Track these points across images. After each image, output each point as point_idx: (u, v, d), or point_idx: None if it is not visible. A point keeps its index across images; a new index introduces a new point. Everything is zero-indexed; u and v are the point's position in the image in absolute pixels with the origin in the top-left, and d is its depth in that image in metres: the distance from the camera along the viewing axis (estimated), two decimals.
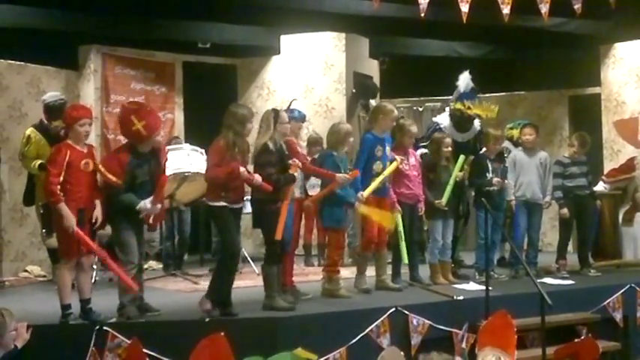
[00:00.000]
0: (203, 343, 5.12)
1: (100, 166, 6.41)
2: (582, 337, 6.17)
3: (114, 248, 6.77)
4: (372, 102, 9.29)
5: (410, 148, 8.01)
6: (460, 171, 8.13)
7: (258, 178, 6.43)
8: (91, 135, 6.76)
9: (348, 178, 7.07)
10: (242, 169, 6.36)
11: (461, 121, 8.43)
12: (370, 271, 7.69)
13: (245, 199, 6.78)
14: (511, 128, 9.72)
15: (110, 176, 6.32)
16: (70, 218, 6.17)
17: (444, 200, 7.96)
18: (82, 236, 6.22)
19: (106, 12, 10.26)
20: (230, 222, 6.46)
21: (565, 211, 8.78)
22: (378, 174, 7.45)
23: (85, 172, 6.36)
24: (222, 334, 5.10)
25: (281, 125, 6.72)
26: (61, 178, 6.19)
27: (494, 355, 4.40)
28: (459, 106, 8.28)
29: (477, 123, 8.76)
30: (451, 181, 8.02)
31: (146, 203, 6.34)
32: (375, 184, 7.40)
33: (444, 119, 8.69)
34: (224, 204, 6.40)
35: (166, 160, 6.87)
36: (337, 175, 7.05)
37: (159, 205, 6.43)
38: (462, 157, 8.16)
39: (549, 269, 8.90)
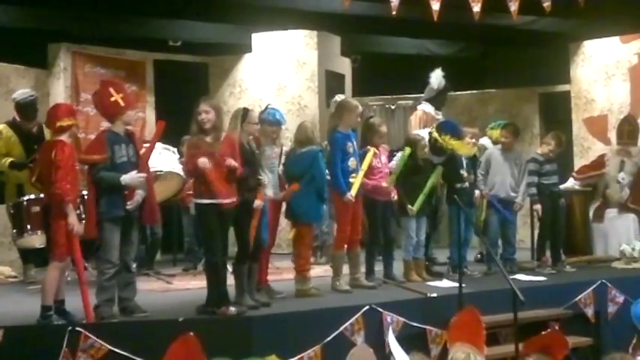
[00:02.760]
0: (175, 346, 5.07)
1: (82, 154, 6.57)
2: (550, 330, 6.19)
3: (86, 248, 6.64)
4: (337, 98, 9.14)
5: (380, 147, 7.99)
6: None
7: (230, 161, 6.30)
8: None
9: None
10: (201, 159, 6.21)
11: (437, 148, 8.40)
12: (344, 269, 7.68)
13: None
14: (492, 128, 9.79)
15: (94, 157, 6.35)
16: (76, 219, 6.20)
17: (415, 207, 7.96)
18: (75, 241, 6.25)
19: (75, 9, 10.19)
20: (211, 221, 6.34)
21: (539, 207, 8.85)
22: (354, 170, 7.46)
23: (77, 168, 6.45)
24: (192, 334, 5.07)
25: (248, 125, 6.70)
26: None
27: (463, 352, 4.40)
28: (435, 135, 8.27)
29: None
30: (425, 190, 8.03)
31: (130, 174, 6.27)
32: (358, 181, 7.43)
33: (425, 134, 8.66)
34: (207, 201, 6.32)
35: (144, 149, 6.75)
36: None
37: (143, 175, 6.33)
38: (439, 169, 8.20)
39: (525, 266, 8.94)
